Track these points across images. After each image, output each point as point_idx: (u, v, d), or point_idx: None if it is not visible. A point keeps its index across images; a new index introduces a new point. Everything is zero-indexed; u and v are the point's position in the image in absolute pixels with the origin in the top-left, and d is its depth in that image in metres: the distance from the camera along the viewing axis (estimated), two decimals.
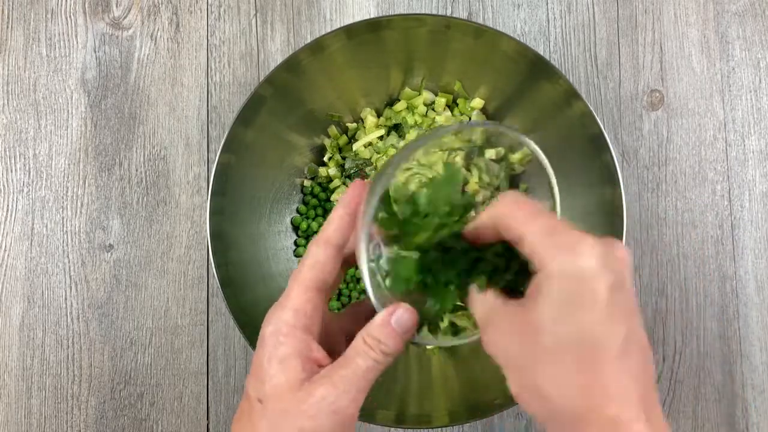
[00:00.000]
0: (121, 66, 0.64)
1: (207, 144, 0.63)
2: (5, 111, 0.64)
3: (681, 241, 0.63)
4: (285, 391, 0.31)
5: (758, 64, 0.64)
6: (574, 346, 0.27)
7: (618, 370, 0.26)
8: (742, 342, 0.62)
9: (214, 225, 0.51)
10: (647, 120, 0.64)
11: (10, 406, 0.60)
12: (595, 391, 0.26)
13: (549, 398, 0.27)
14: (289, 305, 0.33)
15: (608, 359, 0.26)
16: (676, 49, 0.65)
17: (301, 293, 0.33)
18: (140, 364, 0.61)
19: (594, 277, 0.27)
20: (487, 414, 0.51)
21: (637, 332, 0.27)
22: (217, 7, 0.64)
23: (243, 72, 0.64)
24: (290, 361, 0.32)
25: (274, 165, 0.59)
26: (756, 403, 0.61)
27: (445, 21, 0.54)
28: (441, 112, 0.61)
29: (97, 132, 0.63)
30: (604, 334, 0.26)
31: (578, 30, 0.64)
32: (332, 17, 0.65)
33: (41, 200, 0.63)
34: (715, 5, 0.65)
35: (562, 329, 0.27)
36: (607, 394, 0.26)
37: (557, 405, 0.27)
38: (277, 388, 0.31)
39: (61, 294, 0.62)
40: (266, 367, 0.32)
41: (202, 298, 0.61)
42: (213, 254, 0.51)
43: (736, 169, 0.64)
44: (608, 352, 0.26)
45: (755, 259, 0.63)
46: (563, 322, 0.27)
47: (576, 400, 0.27)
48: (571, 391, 0.27)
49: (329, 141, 0.61)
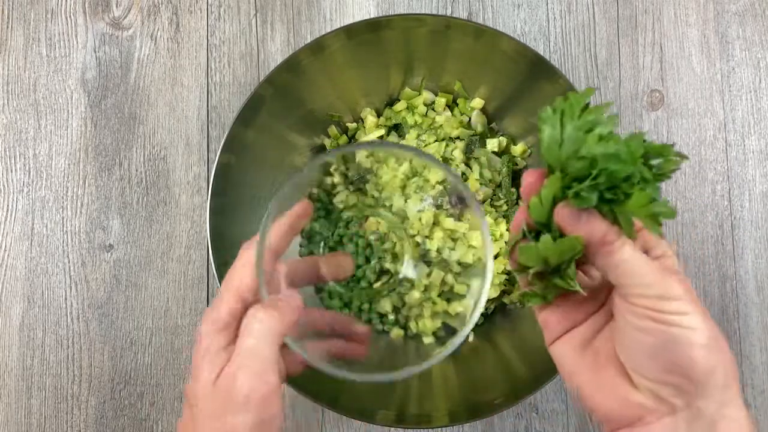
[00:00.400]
0: (121, 66, 0.64)
1: (207, 144, 0.63)
2: (5, 111, 0.64)
3: (681, 241, 0.63)
4: (211, 390, 0.33)
5: (758, 64, 0.64)
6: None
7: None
8: (742, 342, 0.62)
9: (214, 225, 0.51)
10: (647, 120, 0.64)
11: (10, 406, 0.60)
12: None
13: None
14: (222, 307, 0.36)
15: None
16: (676, 49, 0.65)
17: (231, 299, 0.36)
18: (140, 364, 0.61)
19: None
20: (487, 414, 0.51)
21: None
22: (217, 7, 0.64)
23: (243, 72, 0.64)
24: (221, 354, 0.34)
25: (274, 165, 0.59)
26: (756, 403, 0.61)
27: (445, 21, 0.54)
28: (441, 112, 0.61)
29: (97, 132, 0.63)
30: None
31: (578, 30, 0.64)
32: (332, 17, 0.65)
33: (41, 200, 0.63)
34: (715, 5, 0.65)
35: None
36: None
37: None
38: (207, 386, 0.33)
39: (61, 294, 0.62)
40: (199, 364, 0.34)
41: (202, 298, 0.61)
42: (213, 254, 0.51)
43: (736, 169, 0.64)
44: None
45: (755, 259, 0.63)
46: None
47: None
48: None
49: (329, 141, 0.62)
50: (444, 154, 0.59)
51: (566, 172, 0.28)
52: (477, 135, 0.60)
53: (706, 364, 0.28)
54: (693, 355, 0.28)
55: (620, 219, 0.28)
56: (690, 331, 0.28)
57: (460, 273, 0.58)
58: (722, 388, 0.28)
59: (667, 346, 0.28)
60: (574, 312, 0.33)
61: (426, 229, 0.57)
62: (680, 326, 0.28)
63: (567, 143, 0.27)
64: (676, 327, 0.28)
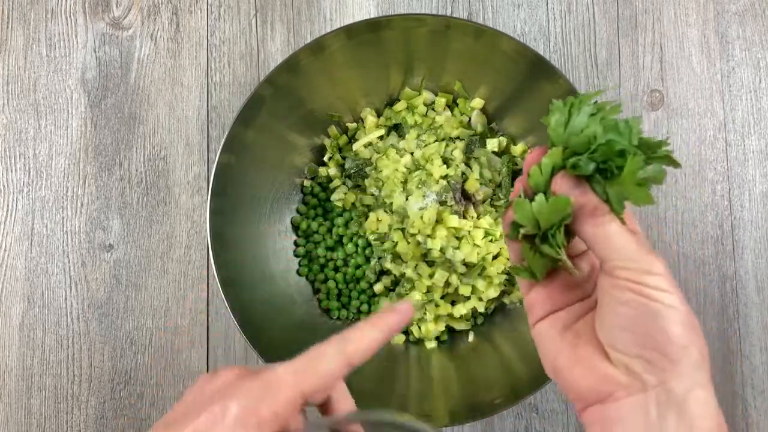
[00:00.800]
0: (121, 66, 0.64)
1: (207, 144, 0.63)
2: (5, 111, 0.64)
3: (681, 241, 0.63)
4: None
5: (758, 64, 0.64)
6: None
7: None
8: (742, 342, 0.62)
9: (214, 225, 0.51)
10: (647, 120, 0.64)
11: (10, 406, 0.60)
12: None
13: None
14: (276, 401, 0.27)
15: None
16: (676, 49, 0.65)
17: (291, 396, 0.28)
18: (140, 364, 0.61)
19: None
20: (487, 414, 0.51)
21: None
22: (217, 7, 0.65)
23: (243, 72, 0.64)
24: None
25: (274, 165, 0.59)
26: (756, 403, 0.61)
27: (445, 21, 0.54)
28: (441, 112, 0.61)
29: (97, 132, 0.63)
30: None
31: (578, 30, 0.64)
32: (332, 17, 0.65)
33: (41, 200, 0.63)
34: (715, 5, 0.65)
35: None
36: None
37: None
38: None
39: (61, 294, 0.62)
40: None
41: (202, 298, 0.61)
42: (213, 254, 0.51)
43: (736, 169, 0.64)
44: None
45: (755, 259, 0.63)
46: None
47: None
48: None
49: (329, 141, 0.61)
50: (444, 154, 0.59)
51: (568, 146, 0.31)
52: (477, 135, 0.60)
53: (680, 341, 0.28)
54: (669, 329, 0.28)
55: (611, 196, 0.30)
56: (668, 308, 0.29)
57: (464, 273, 0.57)
58: (694, 369, 0.28)
59: (645, 319, 0.29)
60: (560, 295, 0.34)
61: (428, 227, 0.56)
62: (659, 302, 0.29)
63: (572, 124, 0.30)
64: (656, 302, 0.29)
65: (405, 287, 0.58)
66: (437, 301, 0.58)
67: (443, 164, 0.58)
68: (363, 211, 0.60)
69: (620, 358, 0.30)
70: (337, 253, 0.60)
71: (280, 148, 0.59)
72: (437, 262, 0.57)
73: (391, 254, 0.58)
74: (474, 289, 0.58)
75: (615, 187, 0.30)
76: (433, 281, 0.57)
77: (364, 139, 0.61)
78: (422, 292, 0.57)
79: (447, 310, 0.58)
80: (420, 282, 0.57)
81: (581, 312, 0.34)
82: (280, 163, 0.59)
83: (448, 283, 0.57)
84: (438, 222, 0.57)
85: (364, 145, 0.60)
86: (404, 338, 0.60)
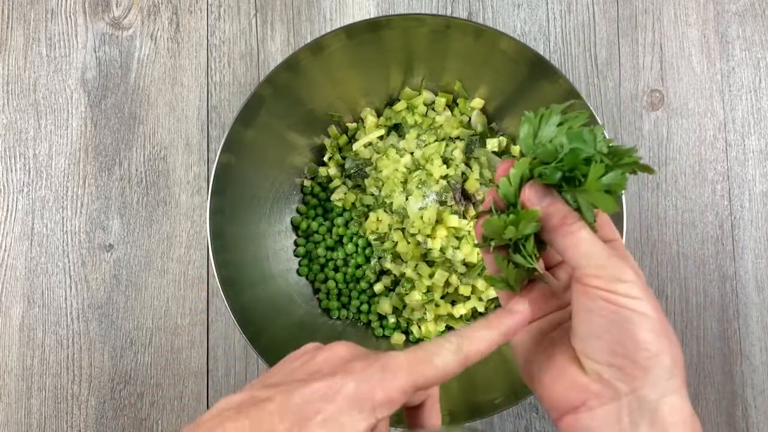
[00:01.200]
0: (121, 66, 0.64)
1: (207, 144, 0.63)
2: (5, 111, 0.64)
3: (681, 241, 0.63)
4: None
5: (758, 64, 0.64)
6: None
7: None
8: (742, 342, 0.62)
9: (214, 225, 0.51)
10: (647, 120, 0.64)
11: (10, 406, 0.60)
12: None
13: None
14: (384, 391, 0.26)
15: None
16: (676, 49, 0.65)
17: (405, 384, 0.27)
18: (140, 364, 0.61)
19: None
20: (487, 414, 0.51)
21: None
22: (217, 7, 0.65)
23: (243, 72, 0.64)
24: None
25: (274, 165, 0.59)
26: (756, 403, 0.61)
27: (445, 21, 0.54)
28: (441, 111, 0.61)
29: (97, 132, 0.63)
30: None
31: (578, 30, 0.64)
32: (332, 17, 0.65)
33: (41, 200, 0.63)
34: (715, 5, 0.65)
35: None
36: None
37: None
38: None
39: (61, 294, 0.62)
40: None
41: (202, 298, 0.62)
42: (213, 254, 0.51)
43: (736, 169, 0.64)
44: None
45: (755, 259, 0.63)
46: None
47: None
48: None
49: (329, 141, 0.61)
50: (444, 154, 0.59)
51: (536, 156, 0.31)
52: (477, 135, 0.60)
53: (651, 348, 0.28)
54: (639, 337, 0.28)
55: (581, 204, 0.31)
56: (639, 315, 0.28)
57: (464, 273, 0.57)
58: (667, 377, 0.28)
59: (616, 327, 0.28)
60: (538, 304, 0.34)
61: (428, 227, 0.56)
62: (630, 309, 0.28)
63: (540, 135, 0.31)
64: (626, 309, 0.28)
65: (405, 287, 0.58)
66: (437, 301, 0.58)
67: (443, 164, 0.58)
68: (363, 211, 0.60)
69: (592, 366, 0.30)
70: (337, 253, 0.60)
71: (280, 148, 0.59)
72: (437, 262, 0.57)
73: (391, 254, 0.59)
74: (474, 289, 0.58)
75: (582, 195, 0.30)
76: (433, 281, 0.57)
77: (364, 139, 0.61)
78: (422, 292, 0.57)
79: (447, 310, 0.58)
80: (420, 282, 0.57)
81: (559, 321, 0.34)
82: (280, 163, 0.59)
83: (448, 283, 0.57)
84: (438, 222, 0.57)
85: (364, 145, 0.60)
86: (404, 338, 0.60)
